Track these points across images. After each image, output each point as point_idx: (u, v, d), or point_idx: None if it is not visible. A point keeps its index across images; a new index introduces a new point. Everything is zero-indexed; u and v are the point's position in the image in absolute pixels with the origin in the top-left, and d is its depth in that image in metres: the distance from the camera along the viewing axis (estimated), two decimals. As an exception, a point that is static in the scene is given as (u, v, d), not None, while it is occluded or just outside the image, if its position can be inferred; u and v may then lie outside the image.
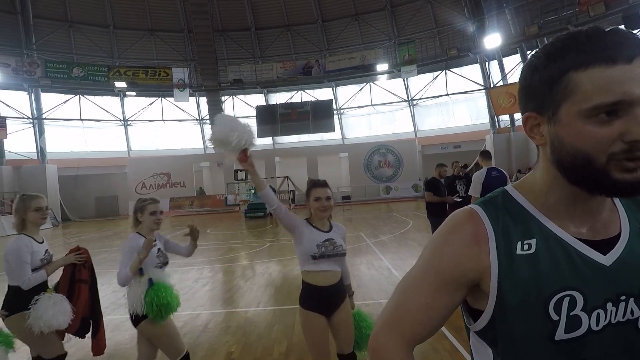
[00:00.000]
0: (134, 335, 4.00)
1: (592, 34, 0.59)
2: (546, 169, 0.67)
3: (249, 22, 25.93)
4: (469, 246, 0.67)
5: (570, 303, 0.62)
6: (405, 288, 0.75)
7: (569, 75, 0.60)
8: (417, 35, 22.98)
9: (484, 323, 0.69)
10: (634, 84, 0.56)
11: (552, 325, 0.62)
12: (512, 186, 0.73)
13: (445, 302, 0.70)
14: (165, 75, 23.73)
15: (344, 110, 25.79)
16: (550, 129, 0.63)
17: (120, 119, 25.37)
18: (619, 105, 0.57)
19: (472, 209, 0.71)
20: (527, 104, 0.66)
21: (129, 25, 24.81)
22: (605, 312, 0.62)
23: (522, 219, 0.68)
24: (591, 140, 0.59)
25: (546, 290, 0.62)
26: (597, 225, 0.67)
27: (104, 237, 13.62)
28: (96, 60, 23.58)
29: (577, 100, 0.59)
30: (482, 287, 0.68)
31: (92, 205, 24.00)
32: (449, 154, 20.19)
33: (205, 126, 26.20)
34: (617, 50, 0.57)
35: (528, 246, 0.65)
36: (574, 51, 0.59)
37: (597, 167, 0.59)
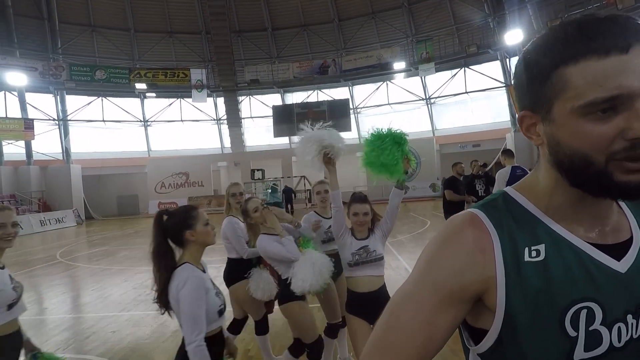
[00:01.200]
0: (155, 331, 4.09)
1: (583, 23, 0.53)
2: (547, 169, 0.61)
3: (266, 22, 26.11)
4: (471, 255, 0.59)
5: (588, 316, 0.55)
6: (398, 306, 0.63)
7: (559, 70, 0.54)
8: (435, 32, 22.64)
9: (490, 343, 0.60)
10: (631, 75, 0.50)
11: (570, 343, 0.54)
12: (513, 187, 0.66)
13: (445, 320, 0.60)
14: (183, 77, 24.15)
15: (360, 109, 25.66)
16: (546, 128, 0.58)
17: (141, 119, 25.96)
18: (617, 100, 0.51)
19: (472, 212, 0.63)
20: (521, 102, 0.62)
21: (149, 28, 25.36)
22: (627, 326, 0.55)
23: (528, 222, 0.61)
24: (588, 140, 0.53)
25: (561, 302, 0.55)
26: (607, 229, 0.61)
27: (126, 235, 13.97)
28: (118, 62, 24.22)
29: (570, 97, 0.53)
30: (486, 301, 0.59)
31: (114, 204, 24.68)
32: (467, 152, 19.82)
33: (223, 126, 26.54)
34: (610, 39, 0.51)
35: (536, 252, 0.58)
36: (563, 44, 0.53)
37: (597, 169, 0.53)
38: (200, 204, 23.91)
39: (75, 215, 20.11)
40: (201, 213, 1.87)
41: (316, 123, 2.66)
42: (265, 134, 26.02)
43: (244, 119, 26.47)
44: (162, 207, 24.19)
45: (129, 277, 6.86)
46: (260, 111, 26.44)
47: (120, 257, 9.20)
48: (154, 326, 4.23)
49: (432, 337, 0.60)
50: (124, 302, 5.27)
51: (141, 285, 6.21)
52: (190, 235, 1.79)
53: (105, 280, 6.81)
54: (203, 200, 24.03)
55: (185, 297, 1.65)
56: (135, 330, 4.15)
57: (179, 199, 24.16)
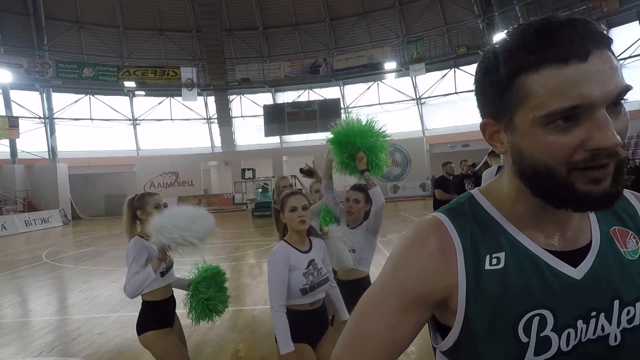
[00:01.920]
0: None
1: (541, 29, 0.51)
2: (510, 177, 0.60)
3: (257, 21, 25.99)
4: (434, 262, 0.60)
5: (540, 323, 0.56)
6: (365, 309, 0.66)
7: (520, 78, 0.52)
8: (426, 33, 22.80)
9: (450, 343, 0.62)
10: (591, 84, 0.49)
11: (522, 348, 0.56)
12: (479, 191, 0.66)
13: (410, 322, 0.63)
14: (173, 75, 23.91)
15: (351, 109, 25.71)
16: (509, 137, 0.57)
17: (130, 118, 25.63)
18: (577, 109, 0.50)
19: (437, 218, 0.63)
20: (483, 109, 0.61)
21: (138, 26, 25.04)
22: (576, 331, 0.56)
23: (491, 229, 0.61)
24: (550, 150, 0.52)
25: (516, 309, 0.57)
26: (567, 235, 0.61)
27: (114, 235, 13.80)
28: (106, 60, 23.85)
29: (531, 107, 0.52)
30: (450, 305, 0.61)
31: (101, 203, 24.31)
32: (457, 152, 20.00)
33: (214, 125, 26.35)
34: (569, 46, 0.50)
35: (497, 260, 0.59)
36: (523, 51, 0.52)
37: (559, 180, 0.53)
38: (190, 203, 23.74)
39: (61, 215, 19.76)
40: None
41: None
42: (256, 134, 25.92)
43: (234, 118, 26.33)
44: (151, 207, 23.98)
45: (117, 277, 6.77)
46: (251, 110, 26.32)
47: (108, 257, 9.08)
48: (141, 327, 4.18)
49: (396, 338, 0.63)
50: (111, 303, 5.19)
51: (129, 286, 6.13)
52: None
53: (92, 281, 6.71)
54: (193, 199, 23.82)
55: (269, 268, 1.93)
56: (123, 332, 4.09)
57: (168, 198, 23.90)
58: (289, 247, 1.95)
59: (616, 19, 16.14)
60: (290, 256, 1.89)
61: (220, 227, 14.93)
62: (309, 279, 1.91)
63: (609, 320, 0.57)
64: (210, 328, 4.05)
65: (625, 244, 0.61)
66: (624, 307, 0.57)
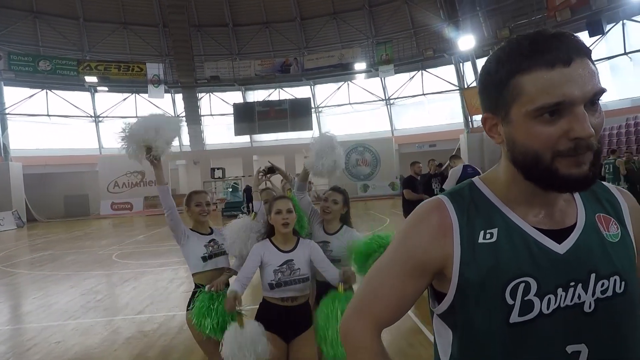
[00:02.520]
0: (105, 339, 3.89)
1: (534, 39, 0.62)
2: (506, 165, 0.71)
3: (227, 18, 25.52)
4: (434, 236, 0.71)
5: (525, 289, 0.65)
6: (375, 274, 0.78)
7: (516, 78, 0.63)
8: (395, 35, 23.25)
9: (446, 307, 0.72)
10: (572, 85, 0.60)
11: (508, 309, 0.65)
12: (479, 178, 0.77)
13: (413, 287, 0.74)
14: (139, 71, 23.04)
15: (322, 108, 25.81)
16: (505, 129, 0.67)
17: (91, 115, 24.45)
18: (561, 105, 0.60)
19: (439, 199, 0.74)
20: (484, 105, 0.70)
21: (100, 18, 23.91)
22: (556, 297, 0.66)
23: (486, 209, 0.71)
24: (538, 139, 0.62)
25: (504, 276, 0.66)
26: (555, 215, 0.71)
27: (73, 238, 13.10)
28: (64, 53, 22.61)
29: (524, 102, 0.62)
30: (446, 273, 0.71)
31: (60, 204, 23.03)
32: (424, 152, 20.54)
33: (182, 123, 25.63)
34: (556, 54, 0.60)
35: (490, 235, 0.69)
36: (519, 56, 0.62)
37: (544, 165, 0.63)
38: (158, 203, 22.97)
39: (15, 217, 18.56)
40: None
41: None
42: (226, 132, 25.46)
43: (203, 116, 25.74)
44: (115, 208, 22.98)
45: (76, 282, 6.45)
46: (221, 109, 25.83)
47: (66, 261, 8.62)
48: (104, 334, 4.01)
49: (400, 299, 0.75)
50: (70, 310, 4.94)
51: (90, 291, 5.86)
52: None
53: (49, 287, 6.35)
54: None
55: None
56: (84, 340, 3.91)
57: (134, 198, 23.05)
58: (269, 245, 2.12)
59: (568, 28, 17.17)
60: (265, 253, 2.09)
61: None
62: (277, 276, 2.04)
63: (585, 290, 0.66)
64: (178, 332, 3.95)
65: (608, 228, 0.71)
66: (599, 279, 0.67)
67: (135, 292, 5.61)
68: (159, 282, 6.11)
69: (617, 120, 14.51)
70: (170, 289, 5.72)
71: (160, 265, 7.46)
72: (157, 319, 4.40)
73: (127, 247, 10.14)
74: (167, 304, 4.98)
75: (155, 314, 4.57)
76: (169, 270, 7.01)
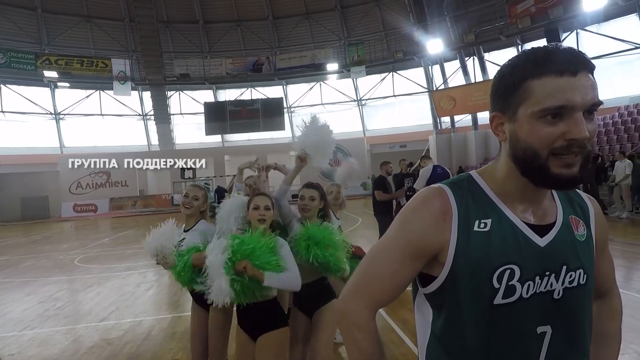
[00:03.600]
0: (66, 349, 3.71)
1: (549, 51, 0.70)
2: (505, 161, 0.77)
3: (197, 14, 24.96)
4: (436, 220, 0.76)
5: (509, 275, 0.73)
6: (374, 256, 0.82)
7: (527, 82, 0.70)
8: (366, 37, 23.58)
9: (435, 287, 0.78)
10: (575, 93, 0.68)
11: (493, 292, 0.73)
12: (477, 172, 0.83)
13: (410, 270, 0.79)
14: (103, 67, 22.13)
15: (294, 108, 25.77)
16: (510, 127, 0.74)
17: (51, 112, 23.23)
18: (563, 109, 0.68)
19: (441, 187, 0.80)
20: (494, 104, 0.77)
21: (61, 10, 22.77)
22: (534, 283, 0.74)
23: (482, 201, 0.78)
24: (539, 137, 0.70)
25: (493, 263, 0.73)
26: (539, 213, 0.79)
27: (31, 242, 12.39)
28: (21, 46, 21.36)
29: (531, 103, 0.70)
30: (439, 257, 0.77)
31: (17, 206, 21.70)
32: (395, 152, 20.94)
33: (150, 122, 24.84)
34: (566, 65, 0.68)
35: (484, 225, 0.76)
36: (533, 63, 0.70)
37: (540, 162, 0.70)
38: (124, 205, 22.13)
39: (-34, 220, 17.35)
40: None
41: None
42: (196, 132, 24.92)
43: (173, 115, 25.06)
44: (78, 210, 21.92)
45: (34, 290, 6.10)
46: (191, 108, 25.26)
47: (23, 267, 8.14)
48: (65, 344, 3.81)
49: (397, 281, 0.79)
50: (26, 319, 4.66)
51: (50, 298, 5.56)
52: None
53: (3, 295, 5.96)
54: (127, 201, 22.27)
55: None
56: (41, 351, 3.70)
57: (98, 200, 22.10)
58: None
59: (529, 35, 18.07)
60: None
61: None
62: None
63: (557, 280, 0.76)
64: (145, 338, 3.82)
65: (577, 229, 0.81)
66: (568, 271, 0.76)
67: (99, 298, 5.38)
68: (125, 287, 5.88)
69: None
70: (137, 293, 5.52)
71: (127, 269, 7.19)
72: (123, 325, 4.24)
73: (91, 251, 9.70)
74: (134, 309, 4.81)
75: (120, 320, 4.40)
76: (136, 274, 6.77)
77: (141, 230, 14.01)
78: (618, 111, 14.50)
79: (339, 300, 0.84)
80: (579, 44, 17.69)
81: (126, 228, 14.72)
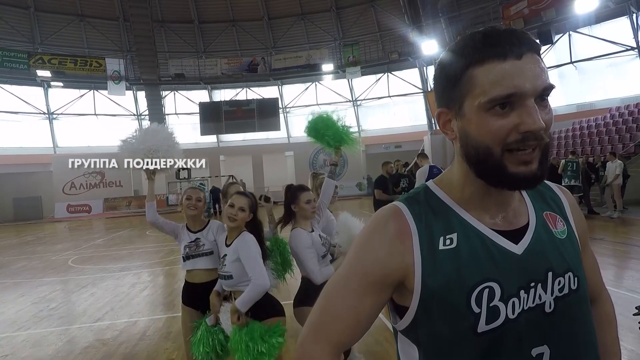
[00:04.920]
0: (60, 350, 3.70)
1: (487, 33, 0.62)
2: (460, 163, 0.69)
3: (192, 14, 24.87)
4: (392, 245, 0.67)
5: (489, 295, 0.63)
6: (330, 292, 0.72)
7: (469, 71, 0.62)
8: (361, 37, 23.63)
9: (408, 321, 0.68)
10: (523, 78, 0.59)
11: (474, 318, 0.63)
12: (433, 182, 0.74)
13: (371, 303, 0.69)
14: (97, 66, 21.97)
15: (289, 109, 25.77)
16: (458, 123, 0.66)
17: (44, 112, 23.02)
18: (512, 97, 0.60)
19: (395, 206, 0.71)
20: (439, 100, 0.69)
21: (54, 8, 22.57)
22: (519, 300, 0.64)
23: (444, 213, 0.69)
24: (489, 132, 0.61)
25: (467, 283, 0.63)
26: (509, 216, 0.69)
27: (24, 243, 12.29)
28: (13, 45, 21.14)
29: (477, 94, 0.62)
30: (407, 284, 0.67)
31: (9, 207, 21.47)
32: (391, 153, 21.01)
33: (145, 122, 24.67)
34: (508, 47, 0.60)
35: (450, 241, 0.66)
36: (472, 49, 0.62)
37: (494, 160, 0.62)
38: (118, 205, 21.99)
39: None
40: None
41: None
42: (192, 132, 24.81)
43: (168, 115, 24.93)
44: (72, 210, 21.73)
45: (27, 291, 6.06)
46: (186, 108, 25.14)
47: (16, 268, 8.07)
48: (59, 344, 3.80)
49: (359, 318, 0.70)
50: (20, 320, 4.63)
51: (43, 299, 5.53)
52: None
53: (-3, 296, 5.92)
54: (122, 201, 22.13)
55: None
56: (35, 352, 3.68)
57: (92, 200, 21.93)
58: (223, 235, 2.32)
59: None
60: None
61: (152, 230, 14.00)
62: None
63: (545, 290, 0.66)
64: (140, 339, 3.82)
65: (555, 226, 0.71)
66: (556, 277, 0.67)
67: (94, 299, 5.36)
68: (120, 288, 5.86)
69: (564, 124, 15.59)
70: (131, 294, 5.50)
71: (121, 270, 7.16)
72: (118, 325, 4.23)
73: (85, 252, 9.64)
74: (129, 309, 4.80)
75: (115, 321, 4.39)
76: (131, 274, 6.75)
77: (136, 230, 13.94)
78: (609, 112, 14.68)
79: (297, 343, 0.73)
80: (571, 45, 17.92)
81: (120, 229, 14.64)
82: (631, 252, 6.09)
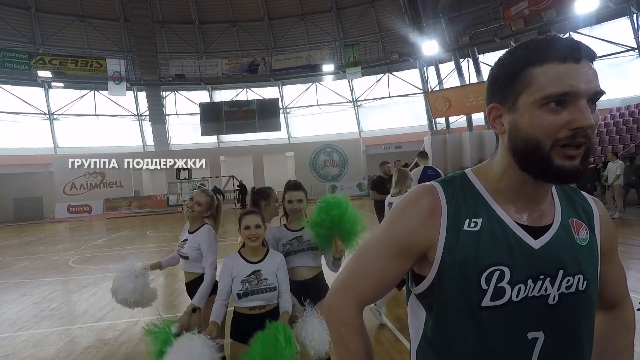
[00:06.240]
0: (61, 350, 3.70)
1: (550, 39, 0.69)
2: (503, 156, 0.74)
3: (193, 15, 24.91)
4: (424, 218, 0.75)
5: (499, 276, 0.70)
6: (363, 253, 0.81)
7: (528, 69, 0.68)
8: (362, 38, 23.64)
9: (424, 287, 0.77)
10: (579, 79, 0.66)
11: (481, 293, 0.70)
12: (471, 170, 0.81)
13: (397, 268, 0.78)
14: (98, 67, 22.00)
15: (290, 109, 25.77)
16: (510, 118, 0.71)
17: (45, 112, 23.06)
18: (567, 96, 0.66)
19: (432, 185, 0.78)
20: (492, 96, 0.74)
21: (55, 9, 22.61)
22: (525, 287, 0.71)
23: (474, 199, 0.76)
24: (542, 126, 0.67)
25: (482, 263, 0.71)
26: (535, 214, 0.75)
27: (25, 244, 12.30)
28: (14, 45, 21.18)
29: (533, 91, 0.67)
30: (429, 256, 0.75)
31: (10, 207, 21.49)
32: (391, 153, 21.00)
33: (145, 123, 24.73)
34: (568, 51, 0.67)
35: (474, 224, 0.73)
36: (534, 51, 0.68)
37: (543, 153, 0.67)
38: (119, 206, 22.00)
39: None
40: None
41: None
42: (192, 132, 24.85)
43: (168, 115, 24.96)
44: (72, 211, 21.76)
45: (28, 291, 6.07)
46: (187, 108, 25.17)
47: (17, 268, 8.08)
48: (60, 344, 3.81)
49: (384, 279, 0.79)
50: (21, 320, 4.64)
51: (44, 299, 5.53)
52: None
53: (-2, 296, 5.93)
54: (122, 202, 22.15)
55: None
56: (37, 351, 3.69)
57: (93, 201, 21.95)
58: (238, 258, 2.17)
59: (522, 37, 18.22)
60: (234, 266, 2.14)
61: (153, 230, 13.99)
62: (245, 285, 2.09)
63: (552, 284, 0.72)
64: (141, 339, 3.83)
65: (578, 232, 0.77)
66: (566, 276, 0.73)
67: (95, 299, 5.37)
68: (121, 288, 5.86)
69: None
70: (132, 294, 5.50)
71: (122, 270, 7.17)
72: (119, 326, 4.24)
73: (86, 252, 9.65)
74: (130, 310, 4.78)
75: (116, 321, 4.39)
76: (131, 275, 6.74)
77: (136, 231, 13.95)
78: (610, 113, 14.68)
79: (326, 296, 0.84)
80: (571, 46, 17.83)
81: (121, 229, 14.65)
82: (631, 252, 6.09)
